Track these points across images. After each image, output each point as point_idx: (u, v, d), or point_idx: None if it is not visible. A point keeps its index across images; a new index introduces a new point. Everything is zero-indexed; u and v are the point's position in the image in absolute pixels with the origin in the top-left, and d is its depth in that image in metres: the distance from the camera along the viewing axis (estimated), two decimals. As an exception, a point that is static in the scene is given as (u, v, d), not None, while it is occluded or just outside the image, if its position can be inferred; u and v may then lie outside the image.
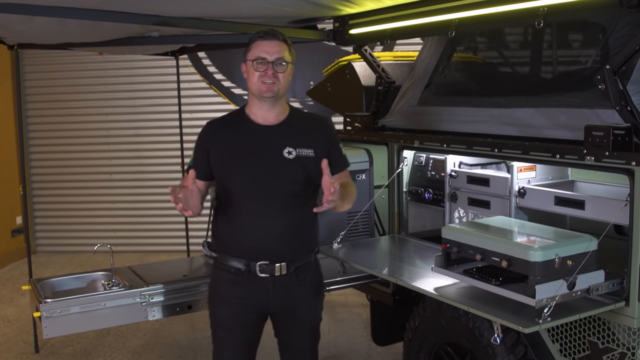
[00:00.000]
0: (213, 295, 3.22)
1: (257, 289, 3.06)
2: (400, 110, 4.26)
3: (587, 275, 2.65)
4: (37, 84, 9.00)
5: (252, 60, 2.98)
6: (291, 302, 3.13)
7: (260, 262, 3.02)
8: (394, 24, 3.79)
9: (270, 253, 3.03)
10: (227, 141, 3.08)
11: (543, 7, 2.95)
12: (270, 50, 2.97)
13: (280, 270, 3.05)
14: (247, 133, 3.07)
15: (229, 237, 3.09)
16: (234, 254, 3.07)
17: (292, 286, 3.10)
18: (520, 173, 3.42)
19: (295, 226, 3.08)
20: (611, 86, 2.72)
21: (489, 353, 3.20)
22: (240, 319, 3.12)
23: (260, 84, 2.98)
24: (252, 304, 3.09)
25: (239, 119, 3.12)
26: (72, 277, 4.01)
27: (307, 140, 3.09)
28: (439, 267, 3.02)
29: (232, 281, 3.08)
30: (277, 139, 3.05)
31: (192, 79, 8.54)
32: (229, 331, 3.15)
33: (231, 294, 3.10)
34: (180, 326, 5.95)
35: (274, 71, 2.96)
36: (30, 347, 5.53)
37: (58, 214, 9.17)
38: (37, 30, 4.03)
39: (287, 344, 3.26)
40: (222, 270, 3.11)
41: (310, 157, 3.05)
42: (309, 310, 3.22)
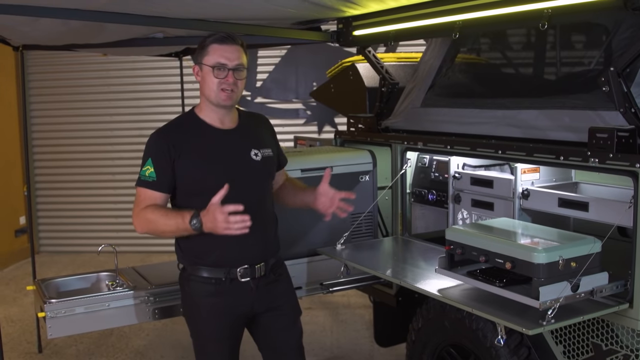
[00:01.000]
0: (194, 310, 3.11)
1: (240, 295, 3.03)
2: (403, 111, 4.26)
3: (590, 277, 2.65)
4: (42, 84, 9.03)
5: (211, 65, 2.91)
6: (274, 300, 3.13)
7: (240, 267, 2.99)
8: (398, 25, 3.79)
9: (249, 256, 3.02)
10: (197, 147, 2.97)
11: (547, 9, 2.95)
12: (230, 57, 2.91)
13: (260, 271, 3.04)
14: (211, 138, 3.00)
15: (204, 247, 2.97)
16: (211, 264, 2.98)
17: (271, 285, 3.11)
18: (524, 175, 3.42)
19: (266, 226, 3.10)
20: (615, 88, 2.72)
21: (493, 355, 3.20)
22: (228, 328, 3.08)
23: (220, 91, 2.93)
24: (237, 310, 3.06)
25: (194, 124, 3.03)
26: (76, 278, 4.01)
27: (264, 140, 3.13)
28: (443, 269, 3.02)
29: (213, 292, 3.01)
30: (241, 143, 3.04)
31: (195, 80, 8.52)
32: (219, 343, 3.09)
33: (214, 306, 3.03)
34: (183, 326, 5.90)
35: (234, 78, 2.92)
36: (33, 346, 5.54)
37: (61, 214, 9.19)
38: (42, 32, 4.03)
39: (275, 344, 3.22)
40: (200, 283, 3.03)
41: (271, 156, 3.12)
42: (290, 305, 3.24)
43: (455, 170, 3.82)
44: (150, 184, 2.95)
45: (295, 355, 3.27)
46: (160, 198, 2.97)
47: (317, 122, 8.66)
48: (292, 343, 3.25)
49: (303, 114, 8.65)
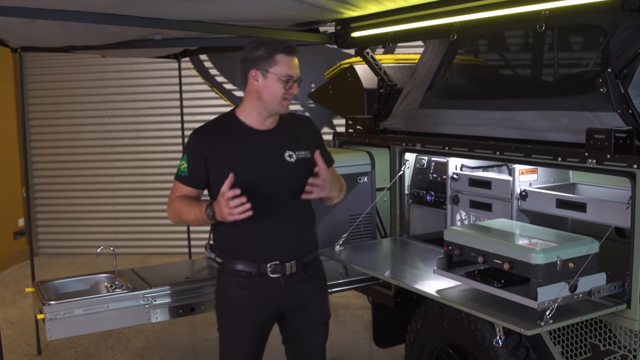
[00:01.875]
0: (223, 301, 3.19)
1: (269, 290, 3.09)
2: (402, 112, 4.26)
3: (588, 278, 2.65)
4: (40, 86, 9.03)
5: (281, 76, 2.98)
6: (303, 299, 3.17)
7: (271, 263, 3.05)
8: (396, 27, 3.79)
9: (280, 253, 3.07)
10: (228, 147, 3.07)
11: (545, 11, 2.96)
12: (296, 68, 3.02)
13: (291, 269, 3.09)
14: (246, 139, 3.08)
15: (237, 242, 3.09)
16: (244, 258, 3.08)
17: (302, 284, 3.15)
18: (521, 176, 3.42)
19: (300, 225, 3.14)
20: (613, 89, 2.73)
21: (491, 355, 3.21)
22: (254, 322, 3.13)
23: (283, 101, 3.02)
24: (266, 306, 3.12)
25: (231, 124, 3.11)
26: (75, 280, 4.01)
27: (301, 142, 3.16)
28: (441, 270, 3.03)
29: (244, 285, 3.09)
30: (277, 143, 3.09)
31: (194, 82, 8.55)
32: (243, 336, 3.14)
33: (244, 299, 3.10)
34: (182, 328, 5.97)
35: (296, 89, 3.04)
36: (32, 348, 5.54)
37: (60, 216, 9.19)
38: (40, 33, 4.04)
39: (299, 343, 3.27)
40: (232, 276, 3.11)
41: (308, 158, 3.12)
42: (320, 306, 3.27)
43: (454, 172, 3.82)
44: (182, 178, 3.15)
45: (317, 355, 3.29)
46: (190, 192, 3.15)
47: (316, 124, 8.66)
48: (317, 345, 3.28)
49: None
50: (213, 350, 5.49)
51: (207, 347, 5.56)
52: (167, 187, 9.33)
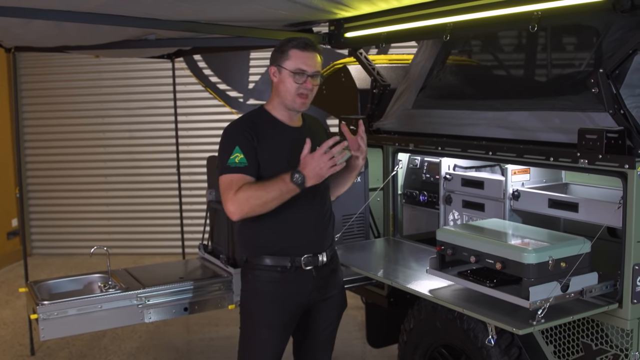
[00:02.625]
0: (254, 297, 3.16)
1: (303, 282, 3.13)
2: (395, 113, 4.27)
3: (580, 277, 2.67)
4: (34, 86, 9.01)
5: (292, 71, 3.01)
6: (331, 289, 3.24)
7: (305, 255, 3.09)
8: (389, 27, 3.80)
9: (313, 246, 3.13)
10: (271, 140, 3.09)
11: (537, 11, 2.97)
12: (310, 63, 3.03)
13: (322, 260, 3.15)
14: (283, 134, 3.12)
15: (269, 237, 3.08)
16: (277, 253, 3.08)
17: (329, 275, 3.22)
18: (514, 176, 3.44)
19: (327, 217, 3.22)
20: (604, 89, 2.74)
21: (484, 355, 3.22)
22: (287, 316, 3.15)
23: (296, 96, 3.05)
24: (298, 299, 3.15)
25: (268, 119, 3.14)
26: (68, 280, 4.01)
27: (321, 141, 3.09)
28: (434, 269, 3.04)
29: (279, 280, 3.09)
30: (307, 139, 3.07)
31: (188, 82, 8.54)
32: (274, 330, 3.15)
33: (278, 293, 3.11)
34: (176, 328, 5.96)
35: (312, 85, 3.04)
36: (26, 349, 5.53)
37: (54, 217, 9.17)
38: (35, 33, 4.04)
39: (314, 335, 3.31)
40: (265, 271, 3.10)
41: None
42: (342, 295, 3.37)
43: (446, 172, 3.83)
44: (242, 169, 2.98)
45: (327, 345, 3.36)
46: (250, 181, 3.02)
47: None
48: (329, 333, 3.35)
49: (295, 116, 8.65)
50: (207, 351, 5.50)
51: (201, 348, 5.56)
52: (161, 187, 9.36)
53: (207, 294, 3.83)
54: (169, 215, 8.65)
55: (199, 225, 4.48)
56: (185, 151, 7.67)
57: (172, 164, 7.00)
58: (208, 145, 8.17)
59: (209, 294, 3.84)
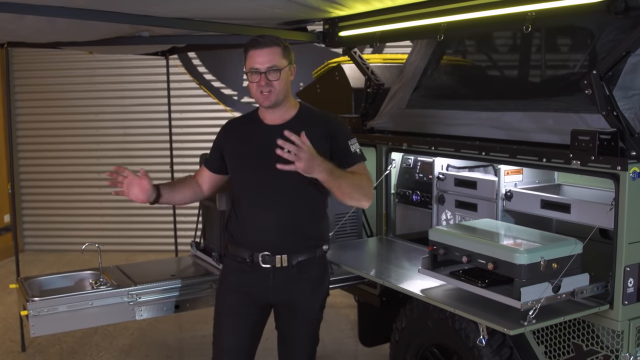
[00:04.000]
0: (221, 282, 3.34)
1: (258, 278, 3.15)
2: (389, 112, 4.27)
3: (572, 278, 2.68)
4: (27, 82, 8.98)
5: (247, 71, 3.05)
6: (291, 295, 3.19)
7: (263, 252, 3.11)
8: (384, 26, 3.80)
9: (271, 245, 3.12)
10: (237, 140, 3.22)
11: (531, 12, 2.97)
12: (261, 60, 3.00)
13: (281, 262, 3.12)
14: (255, 133, 3.19)
15: (238, 229, 3.21)
16: (241, 244, 3.18)
17: (292, 279, 3.16)
18: (507, 176, 3.44)
19: (297, 221, 3.15)
20: (598, 91, 2.75)
21: (475, 355, 3.22)
22: (243, 305, 3.20)
23: (258, 94, 3.06)
24: (254, 292, 3.18)
25: (251, 119, 3.25)
26: (59, 276, 4.00)
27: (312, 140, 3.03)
28: (426, 269, 3.04)
29: (238, 269, 3.20)
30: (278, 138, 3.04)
31: (182, 79, 8.52)
32: (232, 317, 3.22)
33: (237, 282, 3.21)
34: (168, 325, 5.95)
35: (267, 80, 3.00)
36: (17, 345, 5.51)
37: (46, 213, 9.14)
38: (28, 29, 4.02)
39: (284, 338, 3.32)
40: (231, 259, 3.25)
41: None
42: (308, 305, 3.25)
43: (440, 171, 3.84)
44: (205, 162, 3.37)
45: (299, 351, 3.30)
46: (203, 172, 3.36)
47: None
48: (302, 343, 3.29)
49: (289, 114, 8.64)
50: (199, 349, 5.49)
51: (193, 345, 5.56)
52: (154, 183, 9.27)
53: (199, 291, 3.83)
54: (162, 213, 8.61)
55: (191, 223, 4.47)
56: (178, 148, 7.64)
57: (165, 161, 6.97)
58: (201, 142, 8.14)
59: (201, 291, 3.84)
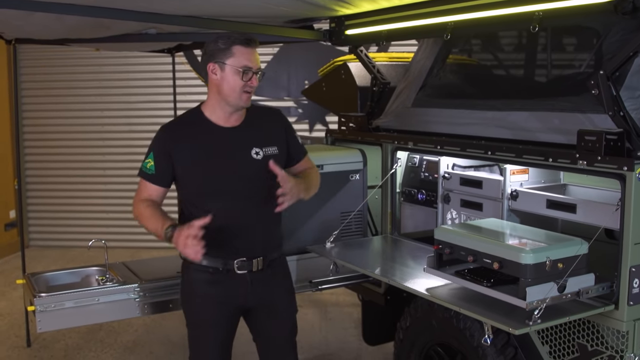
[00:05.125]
0: (190, 296, 3.18)
1: (235, 286, 3.08)
2: (394, 111, 4.27)
3: (577, 278, 2.67)
4: (33, 78, 8.99)
5: (238, 68, 2.94)
6: (269, 296, 3.17)
7: (238, 259, 3.05)
8: (390, 25, 3.80)
9: (246, 250, 3.07)
10: (193, 145, 3.03)
11: (538, 12, 2.97)
12: (254, 59, 2.97)
13: (257, 266, 3.09)
14: (212, 136, 3.04)
15: (205, 238, 2.93)
16: (209, 254, 2.98)
17: (268, 280, 3.15)
18: (513, 176, 3.44)
19: (267, 222, 3.13)
20: (604, 91, 2.74)
21: (480, 354, 3.22)
22: (220, 317, 3.13)
23: (242, 93, 2.97)
24: (231, 301, 3.12)
25: (198, 121, 3.07)
26: (66, 272, 4.02)
27: (269, 138, 3.12)
28: (431, 268, 3.04)
29: (210, 281, 3.08)
30: (243, 140, 3.06)
31: (188, 76, 8.53)
32: (209, 330, 3.14)
33: (211, 294, 3.09)
34: (172, 322, 5.96)
35: (257, 81, 2.99)
36: (22, 340, 5.53)
37: (51, 209, 9.16)
38: (36, 26, 4.03)
39: (266, 340, 3.28)
40: (198, 271, 3.09)
41: (275, 155, 3.10)
42: (286, 303, 3.28)
43: (445, 171, 3.84)
44: (148, 177, 3.09)
45: (286, 347, 3.30)
46: (157, 190, 3.11)
47: (309, 121, 8.68)
48: (284, 335, 3.28)
49: (294, 112, 8.66)
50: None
51: (197, 342, 5.56)
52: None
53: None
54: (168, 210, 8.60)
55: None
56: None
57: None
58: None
59: (206, 289, 3.84)
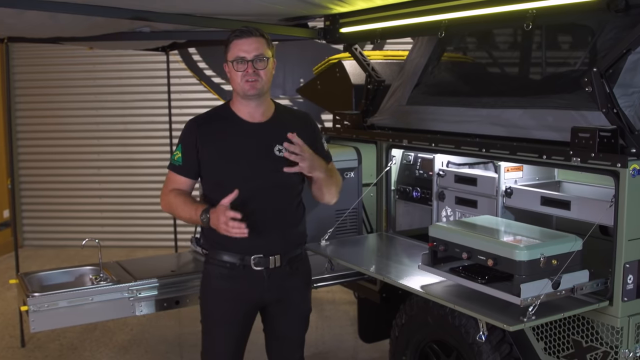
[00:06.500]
0: (207, 291, 3.21)
1: (252, 282, 3.10)
2: (389, 109, 4.28)
3: (571, 275, 2.68)
4: (27, 77, 8.97)
5: (232, 60, 3.01)
6: (285, 293, 3.18)
7: (255, 255, 3.06)
8: (385, 23, 3.81)
9: (264, 246, 3.07)
10: (218, 138, 3.08)
11: (532, 10, 2.98)
12: (248, 48, 2.99)
13: (275, 263, 3.10)
14: (238, 130, 3.09)
15: (222, 234, 3.02)
16: (228, 249, 3.07)
17: (285, 277, 3.15)
18: (507, 173, 3.44)
19: (287, 220, 3.14)
20: (598, 88, 2.75)
21: (475, 351, 3.23)
22: (236, 313, 3.15)
23: (244, 83, 3.01)
24: (248, 297, 3.13)
25: (225, 115, 3.13)
26: (59, 272, 4.00)
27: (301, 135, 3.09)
28: (426, 265, 3.04)
29: (227, 276, 3.10)
30: (267, 137, 3.08)
31: (183, 75, 8.53)
32: (225, 327, 3.17)
33: (227, 289, 3.12)
34: (167, 321, 5.96)
35: (254, 69, 2.99)
36: (16, 341, 5.52)
37: (46, 208, 9.14)
38: (28, 24, 4.02)
39: (278, 335, 3.29)
40: (216, 266, 3.13)
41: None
42: (302, 300, 3.28)
43: (440, 168, 3.84)
44: (176, 168, 3.15)
45: (294, 345, 3.31)
46: (185, 182, 3.16)
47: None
48: (296, 337, 3.31)
49: (289, 111, 8.66)
50: (198, 345, 5.43)
51: (193, 341, 5.56)
52: (154, 180, 9.34)
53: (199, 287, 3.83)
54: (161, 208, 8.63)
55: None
56: (178, 144, 7.65)
57: (165, 157, 6.97)
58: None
59: (201, 287, 3.84)
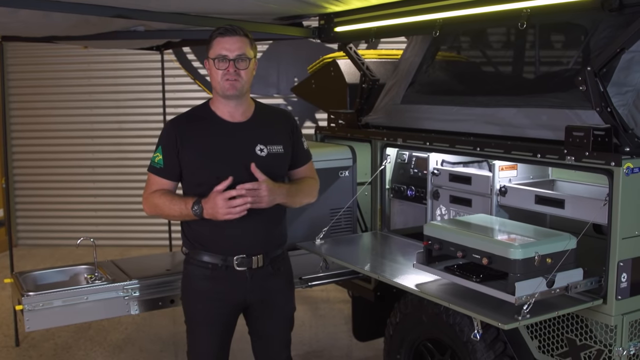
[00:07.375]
0: (189, 292, 3.20)
1: (235, 282, 3.09)
2: (384, 108, 4.28)
3: (566, 273, 2.69)
4: (21, 76, 8.95)
5: (213, 58, 2.99)
6: (268, 294, 3.18)
7: (237, 256, 3.05)
8: (379, 22, 3.81)
9: (246, 247, 3.07)
10: (198, 139, 3.06)
11: (526, 9, 2.99)
12: (231, 47, 2.97)
13: (257, 263, 3.09)
14: (218, 130, 3.08)
15: (204, 234, 3.08)
16: (210, 250, 3.07)
17: (268, 278, 3.15)
18: (501, 172, 3.45)
19: (268, 220, 3.12)
20: (592, 87, 2.76)
21: (469, 349, 3.24)
22: (219, 314, 3.14)
23: (224, 81, 2.99)
24: (231, 297, 3.12)
25: (205, 115, 3.12)
26: (54, 271, 3.99)
27: (275, 136, 3.13)
28: (420, 264, 3.05)
29: (209, 277, 3.09)
30: (248, 137, 3.08)
31: (177, 74, 8.51)
32: (208, 327, 3.16)
33: (209, 290, 3.11)
34: (162, 320, 5.95)
35: (236, 68, 2.97)
36: (10, 340, 5.51)
37: (40, 207, 9.13)
38: (22, 23, 4.00)
39: (263, 336, 3.29)
40: (198, 267, 3.12)
41: (280, 154, 3.13)
42: (286, 301, 3.29)
43: (434, 167, 3.84)
44: (157, 171, 3.10)
45: (280, 345, 3.32)
46: (166, 184, 3.12)
47: (298, 118, 8.67)
48: (280, 334, 3.31)
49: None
50: (193, 343, 5.50)
51: (187, 340, 5.56)
52: (148, 179, 9.17)
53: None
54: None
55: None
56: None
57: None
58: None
59: (196, 286, 3.83)
